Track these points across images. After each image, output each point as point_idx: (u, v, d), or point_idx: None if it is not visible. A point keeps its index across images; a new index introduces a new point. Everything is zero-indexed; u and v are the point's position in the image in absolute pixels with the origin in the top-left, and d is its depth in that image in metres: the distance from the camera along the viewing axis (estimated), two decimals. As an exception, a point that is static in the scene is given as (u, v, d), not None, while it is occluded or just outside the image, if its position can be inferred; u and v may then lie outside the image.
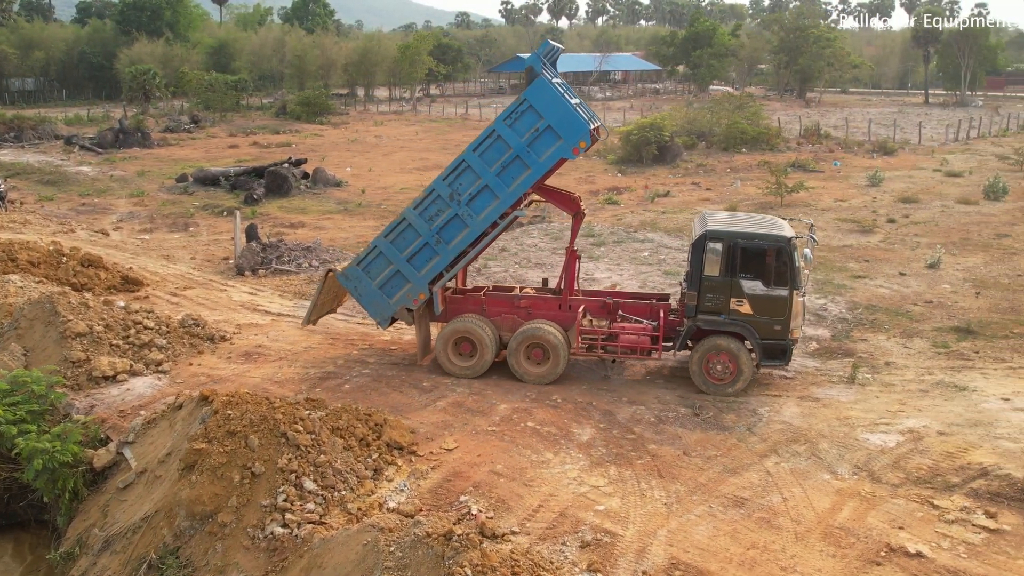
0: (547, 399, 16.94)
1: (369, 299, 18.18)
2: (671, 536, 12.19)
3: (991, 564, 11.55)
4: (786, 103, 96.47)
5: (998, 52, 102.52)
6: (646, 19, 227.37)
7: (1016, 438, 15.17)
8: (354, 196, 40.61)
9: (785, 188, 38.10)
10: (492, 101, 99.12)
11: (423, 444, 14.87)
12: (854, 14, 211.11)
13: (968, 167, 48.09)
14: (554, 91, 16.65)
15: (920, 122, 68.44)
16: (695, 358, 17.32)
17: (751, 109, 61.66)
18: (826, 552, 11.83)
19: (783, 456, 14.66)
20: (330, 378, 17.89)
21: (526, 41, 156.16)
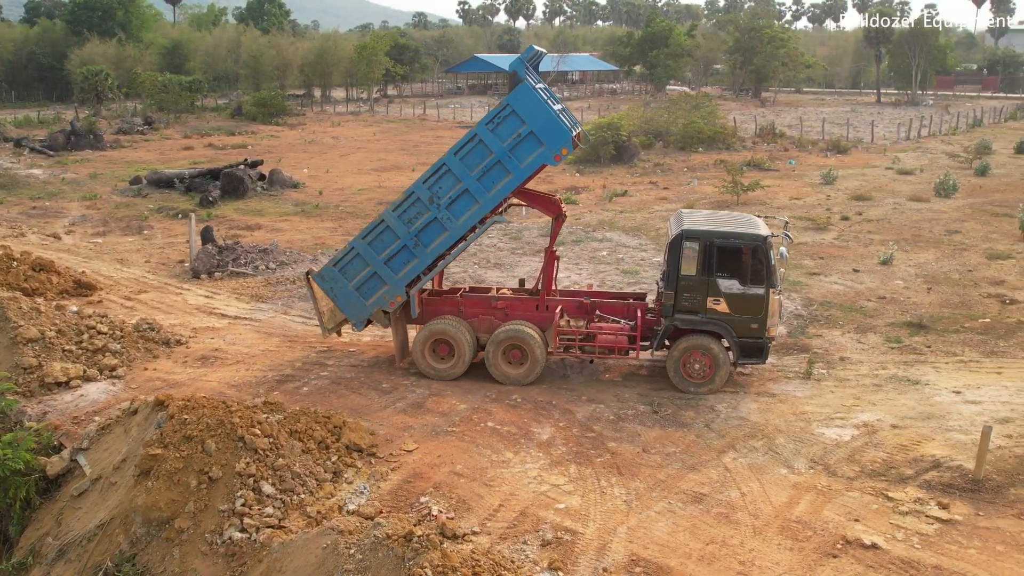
0: (507, 399, 16.96)
1: (345, 300, 17.99)
2: (631, 533, 12.27)
3: (944, 554, 11.77)
4: (742, 103, 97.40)
5: (947, 52, 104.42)
6: (603, 19, 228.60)
7: (967, 430, 15.49)
8: (311, 197, 40.29)
9: (741, 187, 38.46)
10: (450, 101, 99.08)
11: (383, 446, 14.82)
12: (807, 14, 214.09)
13: (919, 165, 48.94)
14: (537, 97, 16.58)
15: (873, 121, 69.52)
16: (673, 357, 17.35)
17: (707, 109, 62.20)
18: (784, 545, 11.99)
19: (741, 452, 14.82)
20: (288, 381, 17.75)
21: (483, 41, 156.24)
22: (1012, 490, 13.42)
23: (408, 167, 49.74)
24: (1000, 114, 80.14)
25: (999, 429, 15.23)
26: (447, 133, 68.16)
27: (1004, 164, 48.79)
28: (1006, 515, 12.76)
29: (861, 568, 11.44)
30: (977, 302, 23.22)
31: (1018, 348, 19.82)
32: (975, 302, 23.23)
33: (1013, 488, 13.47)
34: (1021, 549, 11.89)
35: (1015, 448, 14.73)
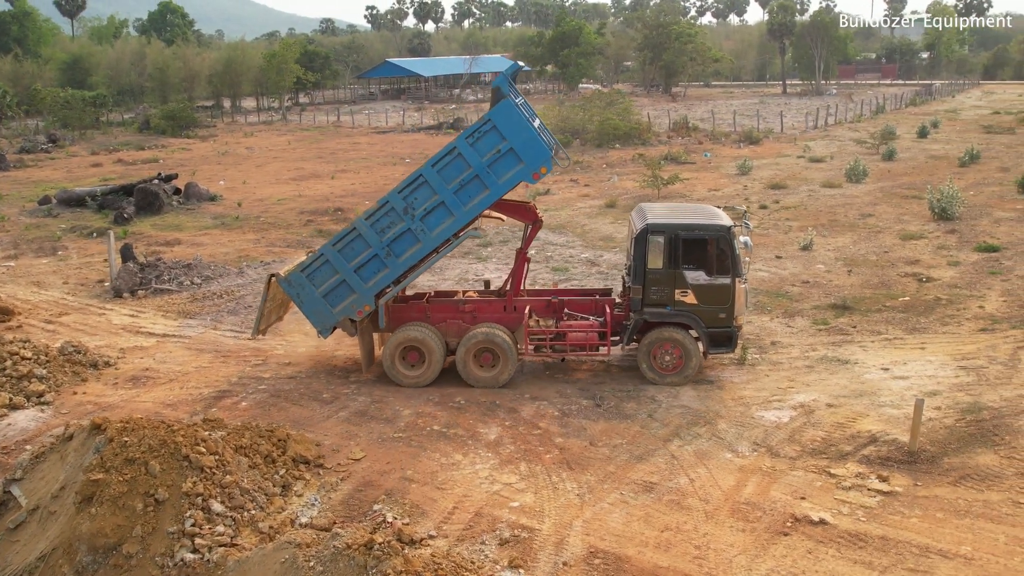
0: (450, 401, 16.93)
1: (311, 307, 17.67)
2: (587, 526, 12.37)
3: (888, 525, 12.17)
4: (653, 98, 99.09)
5: (848, 42, 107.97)
6: (512, 20, 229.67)
7: (898, 405, 16.05)
8: (230, 210, 39.52)
9: (661, 180, 39.11)
10: (364, 107, 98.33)
11: (329, 456, 14.64)
12: (711, 10, 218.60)
13: (829, 152, 50.47)
14: (520, 114, 16.49)
15: (781, 112, 71.41)
16: (643, 350, 17.46)
17: (622, 105, 63.04)
18: (736, 527, 12.23)
19: (685, 439, 15.07)
20: (225, 397, 17.40)
21: (394, 46, 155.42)
22: (946, 459, 13.95)
23: (327, 175, 49.21)
24: (901, 100, 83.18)
25: (928, 402, 15.79)
26: (363, 140, 67.69)
27: (909, 148, 50.66)
28: (942, 483, 13.26)
29: (812, 544, 11.75)
30: (895, 282, 24.07)
31: (938, 324, 20.61)
32: (894, 282, 24.07)
33: (946, 457, 14.01)
34: (959, 515, 12.37)
35: (944, 419, 15.32)
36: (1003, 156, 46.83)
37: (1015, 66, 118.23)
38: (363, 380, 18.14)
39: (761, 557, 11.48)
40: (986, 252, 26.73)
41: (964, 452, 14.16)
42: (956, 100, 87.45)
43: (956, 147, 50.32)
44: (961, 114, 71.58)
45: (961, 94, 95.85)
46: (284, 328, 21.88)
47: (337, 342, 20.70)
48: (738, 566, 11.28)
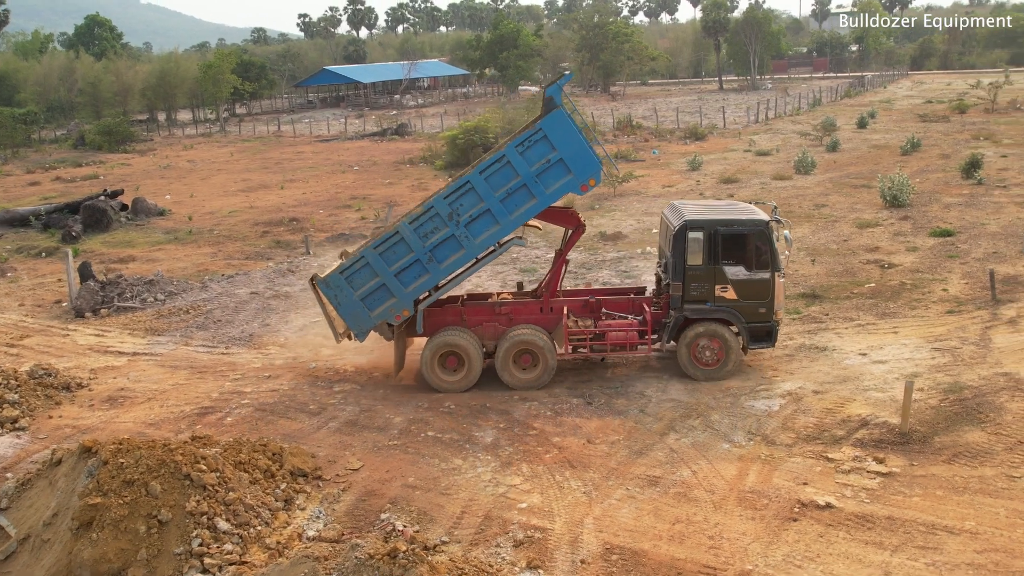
0: (440, 407, 16.82)
1: (348, 310, 17.30)
2: (598, 523, 12.40)
3: (892, 505, 12.42)
4: (593, 98, 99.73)
5: (780, 37, 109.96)
6: (446, 25, 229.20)
7: (882, 388, 16.39)
8: (181, 224, 38.76)
9: (616, 179, 39.36)
10: (304, 116, 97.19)
11: (327, 467, 14.44)
12: (643, 9, 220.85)
13: (774, 145, 51.32)
14: (571, 125, 16.44)
15: (723, 107, 72.43)
16: (683, 347, 17.40)
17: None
18: (745, 516, 12.37)
19: (681, 432, 15.20)
20: (209, 413, 17.05)
21: (329, 53, 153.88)
22: (936, 438, 14.28)
23: (275, 185, 48.59)
24: (836, 93, 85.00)
25: (909, 384, 16.21)
26: (307, 148, 66.99)
27: (850, 139, 51.77)
28: (937, 462, 13.57)
29: (822, 528, 11.93)
30: (859, 269, 24.57)
31: (906, 307, 21.09)
32: (857, 269, 24.57)
33: (937, 436, 14.35)
34: (958, 491, 12.68)
35: (929, 400, 15.68)
36: (942, 143, 48.13)
37: (940, 56, 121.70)
38: (347, 390, 17.95)
39: (775, 543, 11.62)
40: (941, 237, 27.44)
41: (953, 431, 14.51)
42: (888, 91, 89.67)
43: (896, 136, 51.58)
44: (895, 104, 73.41)
45: (892, 85, 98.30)
46: (257, 341, 21.57)
47: (314, 353, 20.47)
48: (754, 553, 11.41)
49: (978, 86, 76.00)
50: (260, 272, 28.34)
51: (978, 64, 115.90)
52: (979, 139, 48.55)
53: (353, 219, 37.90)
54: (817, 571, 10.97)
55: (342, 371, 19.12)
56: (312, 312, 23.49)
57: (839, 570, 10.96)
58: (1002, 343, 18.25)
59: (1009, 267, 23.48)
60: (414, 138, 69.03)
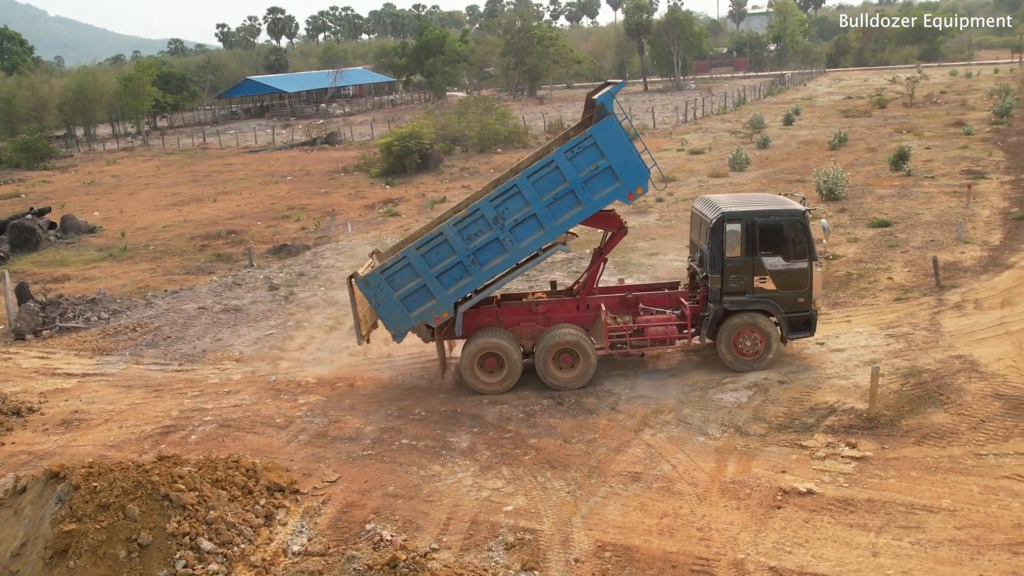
0: (410, 414, 16.68)
1: (387, 310, 16.96)
2: (586, 521, 12.42)
3: (870, 488, 12.72)
4: (520, 102, 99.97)
5: (702, 38, 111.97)
6: (368, 32, 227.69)
7: (844, 376, 16.79)
8: (114, 241, 37.75)
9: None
10: (229, 127, 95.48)
11: (303, 481, 14.19)
12: (564, 13, 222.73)
13: (706, 144, 52.17)
14: (622, 133, 16.37)
15: (652, 108, 73.39)
16: (724, 338, 17.40)
17: (499, 110, 63.48)
18: (730, 506, 12.53)
19: (655, 427, 15.33)
20: (171, 432, 16.61)
21: (249, 64, 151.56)
22: (903, 421, 14.68)
23: (207, 198, 47.69)
24: (759, 91, 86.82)
25: (869, 370, 16.62)
26: (236, 160, 65.87)
27: (779, 136, 52.90)
28: (907, 444, 13.94)
29: (806, 513, 12.16)
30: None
31: (855, 297, 21.64)
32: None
33: (904, 420, 14.74)
34: (931, 471, 13.04)
35: (891, 384, 16.09)
36: (867, 137, 49.51)
37: (855, 53, 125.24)
38: (313, 402, 17.68)
39: (763, 532, 11.80)
40: (879, 227, 28.20)
41: (918, 414, 14.93)
42: (809, 88, 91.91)
43: (822, 132, 52.90)
44: (818, 101, 75.26)
45: (812, 82, 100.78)
46: (212, 356, 21.10)
47: (272, 366, 20.13)
48: (744, 543, 11.56)
49: (895, 81, 78.47)
50: (206, 286, 27.73)
51: (891, 61, 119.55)
52: (902, 132, 50.08)
53: (293, 229, 37.40)
54: (808, 556, 11.17)
55: (304, 383, 18.82)
56: (266, 325, 23.16)
57: (829, 553, 11.18)
58: (951, 327, 18.84)
59: (948, 254, 24.27)
60: (345, 146, 68.41)
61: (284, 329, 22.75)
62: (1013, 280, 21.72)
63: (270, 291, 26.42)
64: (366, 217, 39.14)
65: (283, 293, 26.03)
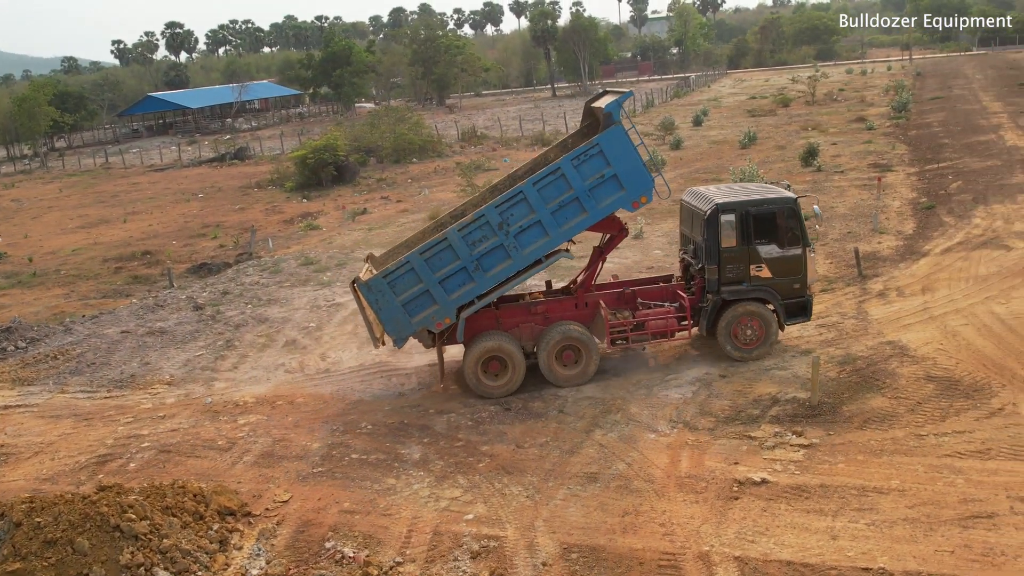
0: (357, 428, 16.44)
1: (389, 315, 16.77)
2: (549, 524, 12.42)
3: (821, 473, 13.05)
4: (430, 112, 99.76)
5: (607, 43, 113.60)
6: (270, 45, 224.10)
7: (783, 367, 17.24)
8: (21, 267, 36.24)
9: (477, 188, 39.61)
10: (131, 146, 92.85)
11: (254, 503, 13.84)
12: (468, 21, 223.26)
13: (620, 146, 52.78)
14: (628, 142, 16.48)
15: (564, 112, 74.09)
16: (723, 328, 17.53)
17: (413, 120, 63.28)
18: (688, 500, 12.69)
19: (605, 427, 15.44)
20: (108, 460, 16.01)
21: (149, 80, 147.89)
22: (844, 408, 15.12)
23: (117, 219, 46.32)
24: (665, 94, 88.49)
25: (806, 359, 17.11)
26: (142, 179, 64.19)
27: (690, 136, 54.02)
28: (851, 429, 14.36)
29: (763, 503, 12.40)
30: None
31: (783, 289, 22.17)
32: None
33: (844, 406, 15.18)
34: (876, 454, 13.45)
35: (828, 372, 16.56)
36: (775, 136, 50.93)
37: (755, 54, 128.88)
38: (254, 422, 17.25)
39: (724, 523, 11.98)
40: (797, 221, 28.96)
41: (857, 400, 15.39)
42: (713, 89, 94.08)
43: (731, 131, 54.24)
44: (723, 102, 77.08)
45: (715, 84, 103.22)
46: (141, 381, 20.44)
47: (206, 387, 19.62)
48: (707, 535, 11.72)
49: (796, 80, 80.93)
50: (126, 309, 26.84)
51: (789, 60, 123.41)
52: (808, 129, 51.66)
53: (211, 247, 36.56)
54: (770, 543, 11.39)
55: (242, 403, 18.37)
56: (194, 346, 22.56)
57: (790, 540, 11.42)
58: (878, 315, 19.50)
59: (866, 245, 25.13)
60: (256, 161, 67.25)
61: (214, 349, 22.18)
62: (930, 267, 22.63)
63: (195, 311, 25.73)
64: (286, 232, 38.49)
65: (209, 312, 25.38)
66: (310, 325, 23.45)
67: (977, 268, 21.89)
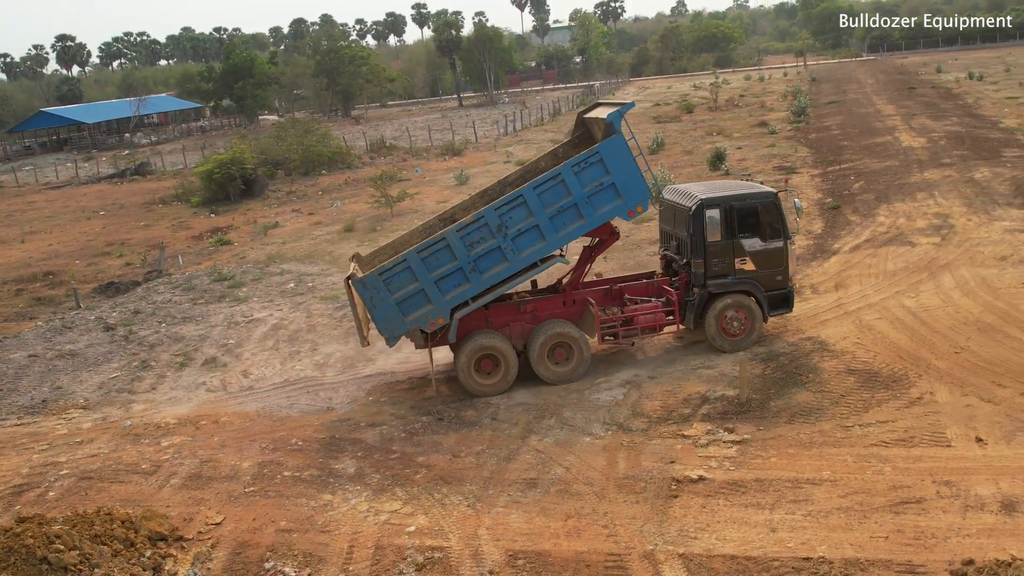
0: (287, 445, 16.10)
1: (382, 312, 16.73)
2: (492, 532, 12.38)
3: (755, 468, 13.35)
4: (335, 123, 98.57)
5: (512, 52, 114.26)
6: (167, 58, 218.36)
7: (709, 365, 17.57)
8: (-88, 293, 34.40)
9: (391, 199, 39.38)
10: (24, 163, 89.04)
11: (185, 527, 13.41)
12: (371, 32, 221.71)
13: (531, 155, 53.07)
14: (628, 152, 16.74)
15: (473, 122, 74.18)
16: (711, 321, 17.87)
17: (321, 132, 62.45)
18: (629, 501, 12.82)
19: (540, 433, 15.48)
20: (25, 491, 15.29)
21: (39, 95, 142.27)
22: (772, 403, 15.51)
23: (13, 240, 44.39)
24: (571, 102, 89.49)
25: (731, 357, 17.52)
26: (38, 198, 61.73)
27: (600, 143, 54.59)
28: (780, 424, 14.73)
29: (702, 499, 12.61)
30: (649, 262, 25.99)
31: (702, 290, 22.62)
32: (648, 262, 25.98)
33: (772, 401, 15.58)
34: (807, 447, 13.84)
35: (753, 369, 16.97)
36: (681, 141, 52.00)
37: (656, 62, 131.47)
38: (178, 443, 16.72)
39: (665, 521, 12.14)
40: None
41: (783, 395, 15.81)
42: (617, 97, 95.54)
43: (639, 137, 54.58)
44: (628, 108, 78.28)
45: (619, 91, 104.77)
46: (54, 406, 19.62)
47: (124, 410, 18.97)
48: (650, 534, 11.86)
49: (698, 87, 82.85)
50: (32, 332, 25.71)
51: (690, 68, 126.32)
52: (713, 134, 52.89)
53: (117, 266, 35.37)
54: (712, 539, 11.58)
55: (164, 425, 17.81)
56: (108, 368, 21.81)
57: (731, 534, 11.64)
58: (796, 312, 19.94)
59: (778, 244, 25.81)
60: (158, 177, 65.40)
61: (130, 371, 21.45)
62: (841, 264, 23.42)
63: (106, 332, 24.83)
64: (196, 248, 37.50)
65: (121, 333, 24.53)
66: (229, 342, 22.88)
67: (885, 264, 22.75)
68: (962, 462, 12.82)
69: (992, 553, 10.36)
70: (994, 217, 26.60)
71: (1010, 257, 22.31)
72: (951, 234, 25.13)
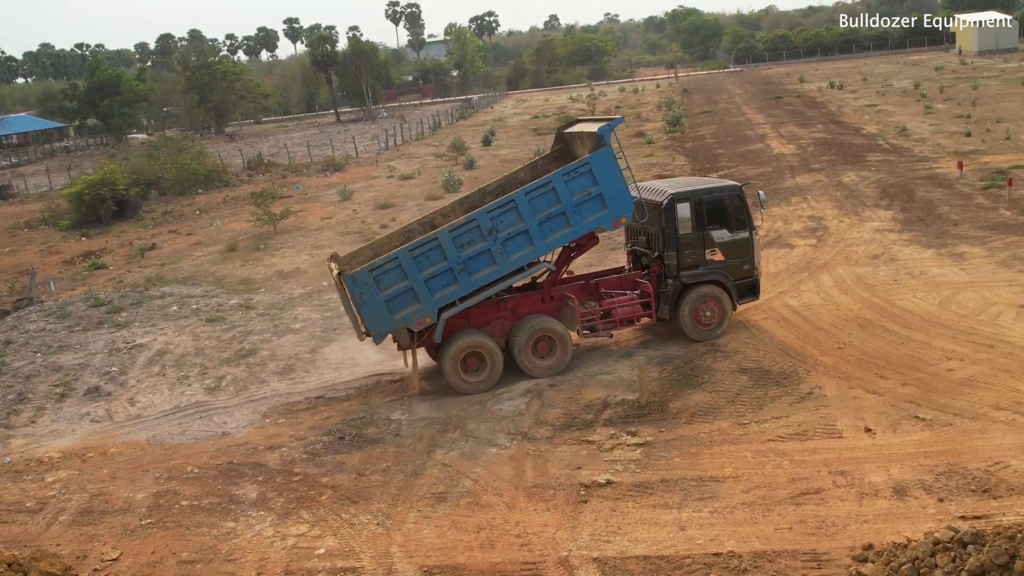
0: (183, 473, 15.53)
1: (371, 309, 16.85)
2: (405, 549, 12.25)
3: (660, 469, 13.64)
4: (209, 140, 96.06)
5: (389, 67, 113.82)
6: (25, 75, 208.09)
7: (607, 371, 17.91)
8: None
9: (275, 216, 38.59)
10: None
11: (79, 565, 12.76)
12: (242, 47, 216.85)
13: (414, 169, 53.12)
14: (615, 164, 17.29)
15: (352, 137, 73.51)
16: (685, 311, 18.49)
17: (194, 150, 60.70)
18: (539, 509, 12.89)
19: (445, 446, 15.42)
20: None
21: None
22: (671, 405, 15.89)
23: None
24: (451, 116, 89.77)
25: (629, 362, 17.92)
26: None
27: (482, 156, 55.07)
28: (680, 424, 15.10)
29: (611, 503, 12.79)
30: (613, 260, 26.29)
31: (595, 298, 22.99)
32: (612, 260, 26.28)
33: (671, 403, 15.96)
34: (707, 446, 14.22)
35: (651, 373, 17.34)
36: (563, 152, 52.71)
37: (532, 75, 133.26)
38: (64, 478, 15.92)
39: (577, 527, 12.26)
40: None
41: (681, 396, 16.22)
42: (496, 110, 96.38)
43: (521, 150, 55.68)
44: (508, 121, 79.12)
45: (498, 104, 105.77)
46: (-79, 447, 18.37)
47: (4, 447, 17.92)
48: (563, 540, 11.95)
49: (575, 99, 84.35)
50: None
51: (565, 80, 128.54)
52: (593, 145, 53.86)
53: (-18, 295, 33.41)
54: (624, 541, 11.76)
55: (47, 459, 16.92)
56: (-20, 403, 20.54)
57: (642, 535, 11.85)
58: (686, 315, 20.60)
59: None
60: (21, 200, 62.17)
61: (5, 404, 20.28)
62: (725, 267, 24.18)
63: (-26, 365, 23.43)
64: (68, 273, 35.78)
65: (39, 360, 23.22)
66: (112, 370, 21.94)
67: (767, 266, 23.62)
68: (854, 452, 13.43)
69: (889, 537, 10.86)
70: (864, 218, 28.05)
71: (882, 255, 23.56)
72: (826, 235, 26.36)
